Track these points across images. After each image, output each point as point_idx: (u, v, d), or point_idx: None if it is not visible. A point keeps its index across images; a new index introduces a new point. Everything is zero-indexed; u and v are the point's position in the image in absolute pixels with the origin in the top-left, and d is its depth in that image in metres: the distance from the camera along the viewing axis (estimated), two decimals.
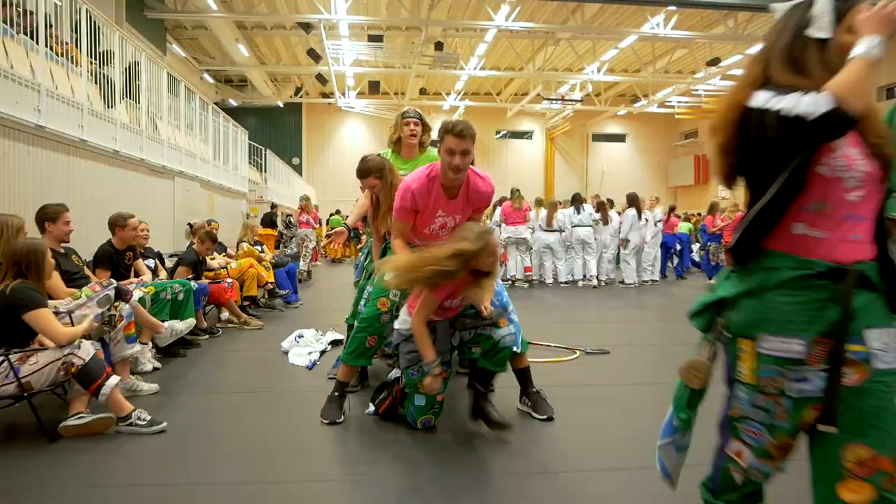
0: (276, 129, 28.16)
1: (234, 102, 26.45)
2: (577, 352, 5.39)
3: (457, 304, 3.20)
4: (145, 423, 3.24)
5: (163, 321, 4.62)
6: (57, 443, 3.14)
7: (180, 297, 5.17)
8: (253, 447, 3.16)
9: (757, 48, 1.72)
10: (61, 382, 3.19)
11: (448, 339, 3.25)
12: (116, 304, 3.76)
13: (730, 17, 16.85)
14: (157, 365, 4.68)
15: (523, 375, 3.69)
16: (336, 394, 3.63)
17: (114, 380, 3.19)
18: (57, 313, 3.43)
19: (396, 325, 3.30)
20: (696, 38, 18.07)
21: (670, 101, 24.95)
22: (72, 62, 7.35)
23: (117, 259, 5.09)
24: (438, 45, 17.87)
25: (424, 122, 4.26)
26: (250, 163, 18.72)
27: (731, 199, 18.82)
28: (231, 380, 4.63)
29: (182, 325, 4.58)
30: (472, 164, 3.23)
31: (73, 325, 3.40)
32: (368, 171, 3.81)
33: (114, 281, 3.90)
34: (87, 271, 4.63)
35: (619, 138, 31.20)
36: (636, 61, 21.11)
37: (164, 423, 3.30)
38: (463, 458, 3.03)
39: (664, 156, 31.36)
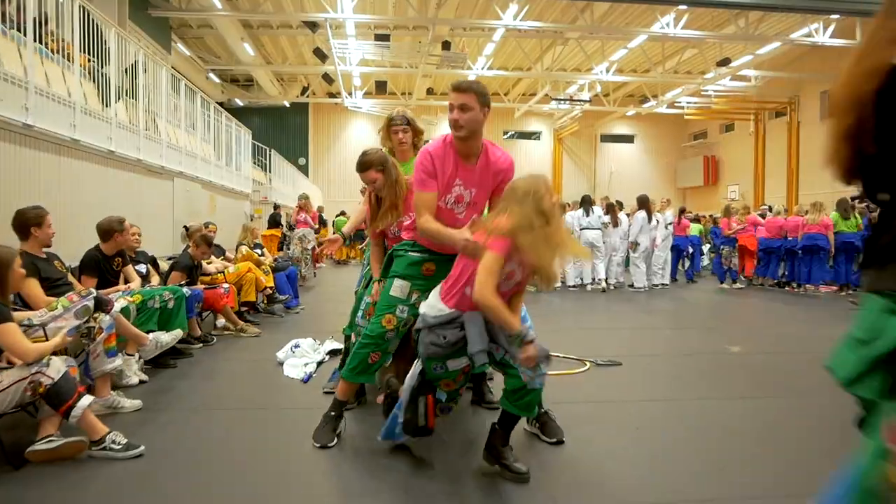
0: (283, 129, 28.06)
1: (240, 102, 26.33)
2: (588, 363, 5.13)
3: (518, 278, 2.78)
4: (121, 446, 2.98)
5: (150, 332, 4.38)
6: (23, 469, 2.88)
7: (170, 305, 4.92)
8: (238, 473, 2.91)
9: (768, 48, 1.34)
10: (29, 403, 2.94)
11: (484, 334, 2.74)
12: (96, 315, 3.51)
13: (741, 16, 16.57)
14: (144, 378, 4.43)
15: None
16: (332, 413, 3.35)
17: (86, 400, 2.93)
18: (30, 326, 3.20)
19: (423, 308, 2.88)
20: (707, 37, 17.77)
21: (679, 102, 24.67)
22: (68, 60, 7.15)
23: (105, 265, 4.86)
24: (446, 45, 17.64)
25: (414, 127, 4.04)
26: (255, 163, 18.52)
27: (742, 202, 18.55)
28: (220, 394, 4.37)
29: (168, 338, 4.31)
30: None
31: (47, 339, 3.16)
32: (370, 163, 3.56)
33: (93, 290, 3.65)
34: (71, 278, 4.40)
35: (628, 139, 30.89)
36: (645, 61, 20.84)
37: (142, 448, 3.03)
38: (465, 490, 2.77)
39: (673, 157, 31.03)
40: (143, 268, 5.55)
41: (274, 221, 14.25)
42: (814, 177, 21.63)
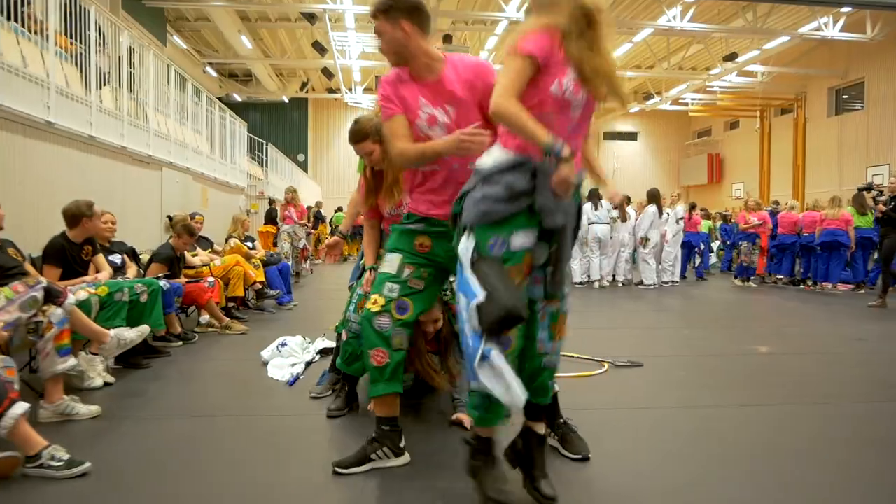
0: (282, 125, 27.68)
1: (238, 97, 25.95)
2: (606, 364, 4.66)
3: (583, 96, 2.13)
4: (61, 463, 2.49)
5: (116, 328, 3.90)
6: None
7: (143, 298, 4.43)
8: (200, 495, 2.45)
9: (776, 42, 0.93)
10: None
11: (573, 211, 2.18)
12: (45, 307, 3.05)
13: (748, 9, 16.16)
14: (110, 380, 3.94)
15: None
16: (373, 435, 2.67)
17: (18, 408, 2.45)
18: None
19: (476, 165, 2.20)
20: (714, 31, 17.34)
21: (684, 99, 24.28)
22: (47, 40, 6.68)
23: (73, 254, 4.40)
24: (447, 38, 17.23)
25: None
26: (251, 157, 18.07)
27: (752, 199, 18.12)
28: (193, 399, 3.88)
29: (132, 334, 3.79)
30: (408, 47, 2.51)
31: None
32: (365, 133, 3.10)
33: (43, 279, 3.18)
34: (29, 267, 3.92)
35: (631, 136, 30.50)
36: (650, 57, 20.44)
37: (87, 465, 2.54)
38: None
39: (676, 154, 30.65)
40: (117, 258, 5.08)
41: (270, 217, 13.84)
42: (820, 175, 21.20)
